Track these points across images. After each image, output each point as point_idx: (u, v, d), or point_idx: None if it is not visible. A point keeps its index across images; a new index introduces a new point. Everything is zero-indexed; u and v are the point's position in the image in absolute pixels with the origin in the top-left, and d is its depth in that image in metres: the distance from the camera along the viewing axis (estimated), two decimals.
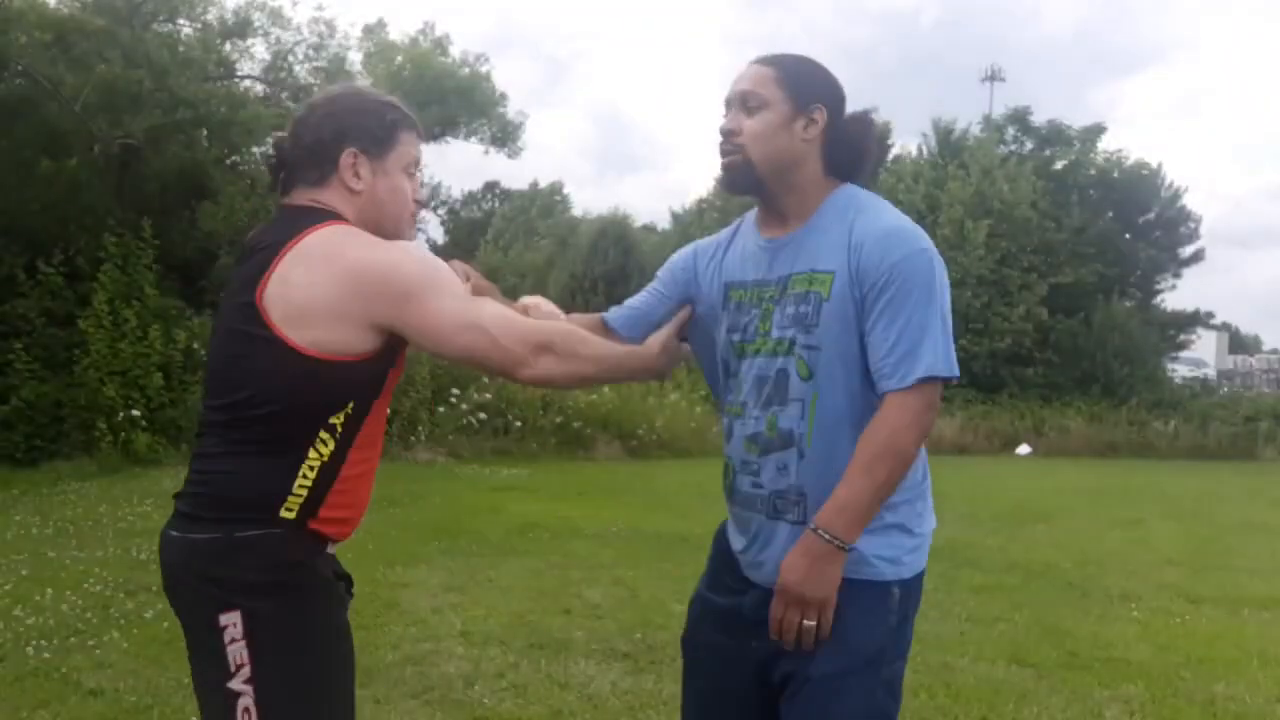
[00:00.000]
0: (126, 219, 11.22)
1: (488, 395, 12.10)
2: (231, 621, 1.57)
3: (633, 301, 2.06)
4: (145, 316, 10.48)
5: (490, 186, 41.15)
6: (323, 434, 1.65)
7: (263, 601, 1.59)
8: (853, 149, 1.82)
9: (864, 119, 1.84)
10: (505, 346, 1.69)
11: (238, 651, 1.57)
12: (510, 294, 2.00)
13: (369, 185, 1.74)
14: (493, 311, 1.72)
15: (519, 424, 12.25)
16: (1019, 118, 24.91)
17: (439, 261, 1.78)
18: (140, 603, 4.72)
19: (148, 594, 4.87)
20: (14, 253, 10.86)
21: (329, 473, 1.66)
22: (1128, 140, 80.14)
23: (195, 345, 10.86)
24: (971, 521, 8.05)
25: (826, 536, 1.67)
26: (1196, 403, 20.58)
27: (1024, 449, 17.51)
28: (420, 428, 11.51)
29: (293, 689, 1.62)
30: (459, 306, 1.69)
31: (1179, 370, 25.23)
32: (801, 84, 1.80)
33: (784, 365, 1.78)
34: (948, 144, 23.95)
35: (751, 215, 1.95)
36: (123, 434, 9.80)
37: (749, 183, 1.82)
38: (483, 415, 12.05)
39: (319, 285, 1.61)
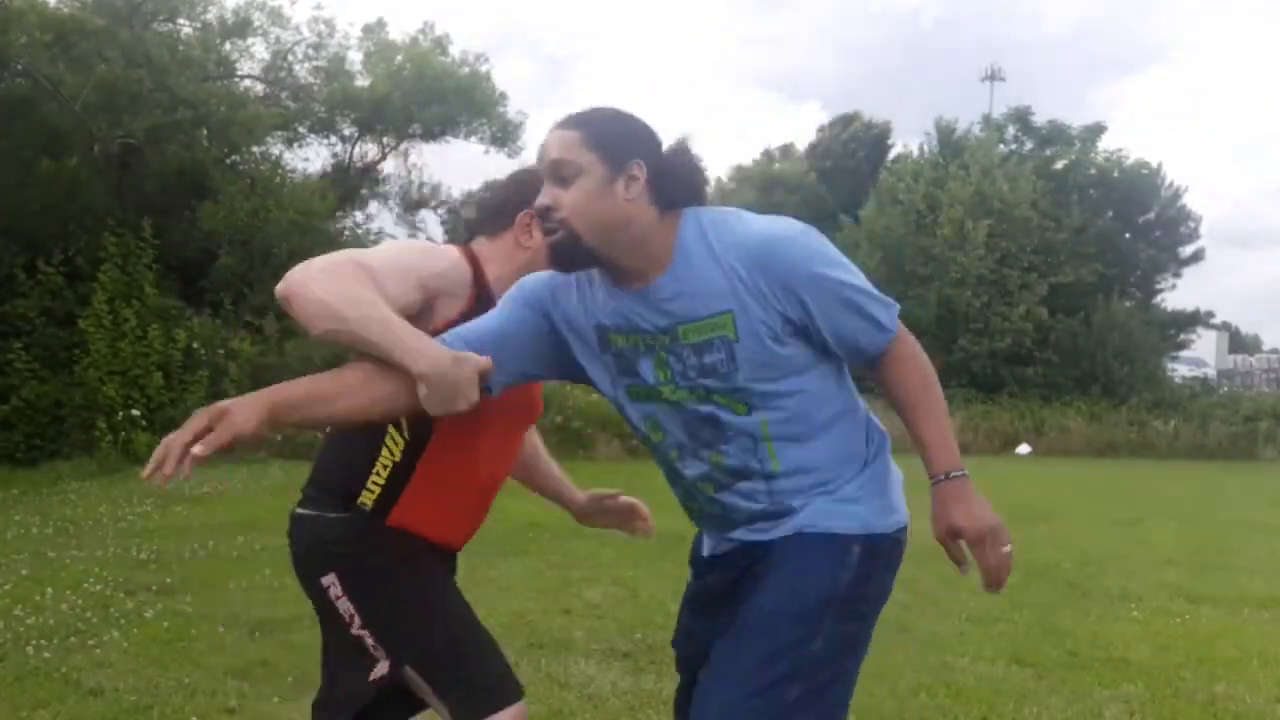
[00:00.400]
0: (126, 219, 11.24)
1: None
2: (331, 582, 1.81)
3: (471, 327, 1.76)
4: (145, 316, 10.50)
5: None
6: (392, 431, 1.82)
7: (354, 563, 1.82)
8: (683, 181, 1.68)
9: (682, 149, 1.69)
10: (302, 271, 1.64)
11: (345, 606, 1.81)
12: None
13: (537, 245, 1.85)
14: (357, 260, 1.68)
15: None
16: (1019, 117, 24.90)
17: (436, 263, 1.83)
18: (140, 603, 4.72)
19: (148, 594, 4.87)
20: (14, 252, 10.88)
21: (400, 475, 1.83)
22: (1128, 140, 79.91)
23: (195, 345, 10.88)
24: None
25: (956, 474, 1.69)
26: (1196, 402, 20.56)
27: (1024, 449, 17.51)
28: None
29: (401, 622, 1.81)
30: (347, 254, 1.71)
31: (1179, 370, 25.21)
32: (612, 142, 1.62)
33: (709, 411, 1.69)
34: (949, 144, 23.95)
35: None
36: (123, 433, 9.82)
37: (580, 256, 1.64)
38: None
39: None
